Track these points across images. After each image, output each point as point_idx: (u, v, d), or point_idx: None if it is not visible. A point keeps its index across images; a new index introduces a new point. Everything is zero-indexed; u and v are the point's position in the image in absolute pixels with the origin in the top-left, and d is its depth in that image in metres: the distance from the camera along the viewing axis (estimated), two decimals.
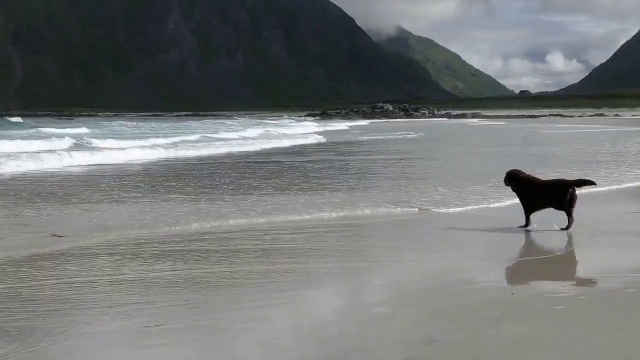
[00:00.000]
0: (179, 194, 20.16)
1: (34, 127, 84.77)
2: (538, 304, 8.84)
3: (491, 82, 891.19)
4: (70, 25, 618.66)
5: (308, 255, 12.16)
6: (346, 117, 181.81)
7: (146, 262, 11.48)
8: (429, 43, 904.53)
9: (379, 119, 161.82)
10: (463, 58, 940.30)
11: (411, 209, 16.85)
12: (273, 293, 9.57)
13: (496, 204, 17.65)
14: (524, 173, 14.64)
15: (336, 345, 7.40)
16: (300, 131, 77.12)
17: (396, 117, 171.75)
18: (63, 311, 8.65)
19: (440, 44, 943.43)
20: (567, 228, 13.87)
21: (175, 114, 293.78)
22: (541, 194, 14.16)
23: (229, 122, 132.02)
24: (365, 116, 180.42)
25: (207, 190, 21.04)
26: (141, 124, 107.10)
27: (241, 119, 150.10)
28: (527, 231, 14.09)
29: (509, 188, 14.86)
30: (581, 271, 11.43)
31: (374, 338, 7.60)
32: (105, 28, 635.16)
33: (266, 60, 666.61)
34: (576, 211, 14.15)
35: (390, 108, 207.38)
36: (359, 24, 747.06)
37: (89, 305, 8.93)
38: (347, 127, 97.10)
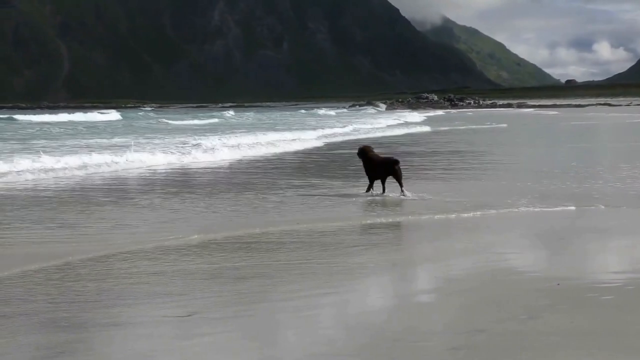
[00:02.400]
0: None
1: (146, 119, 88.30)
2: (584, 294, 8.76)
3: (536, 71, 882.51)
4: (117, 17, 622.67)
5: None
6: (391, 107, 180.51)
7: (198, 255, 11.66)
8: (473, 32, 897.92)
9: (425, 109, 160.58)
10: (508, 47, 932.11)
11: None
12: (317, 283, 9.63)
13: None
14: (372, 151, 18.29)
15: (381, 335, 7.38)
16: (396, 122, 77.10)
17: (441, 107, 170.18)
18: (108, 302, 8.75)
19: (485, 33, 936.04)
20: (402, 193, 17.48)
21: (220, 105, 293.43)
22: (378, 168, 17.81)
23: (320, 112, 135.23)
24: (411, 106, 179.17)
25: None
26: (245, 114, 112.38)
27: (334, 111, 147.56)
28: (372, 195, 17.74)
29: None
30: (631, 262, 11.19)
31: (419, 328, 7.59)
32: (152, 19, 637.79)
33: (311, 51, 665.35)
34: None
35: (435, 98, 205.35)
36: (403, 13, 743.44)
37: (133, 296, 9.04)
38: (425, 117, 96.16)
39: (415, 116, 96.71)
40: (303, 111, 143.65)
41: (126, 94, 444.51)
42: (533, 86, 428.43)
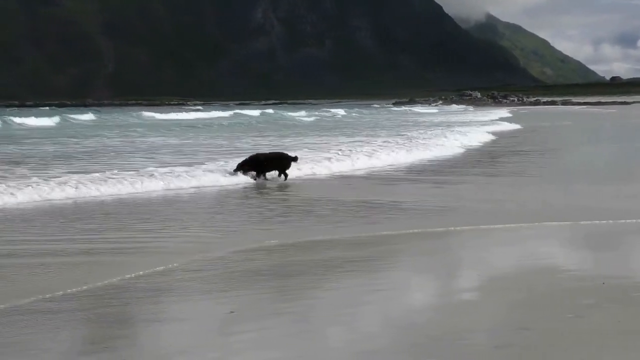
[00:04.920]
0: None
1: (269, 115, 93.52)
2: (630, 293, 8.63)
3: (581, 68, 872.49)
4: (160, 15, 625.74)
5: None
6: (434, 104, 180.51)
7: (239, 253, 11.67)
8: (517, 29, 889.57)
9: (468, 105, 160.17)
10: (552, 44, 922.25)
11: None
12: (359, 280, 9.62)
13: None
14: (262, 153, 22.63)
15: (425, 332, 7.34)
16: (493, 118, 77.12)
17: (485, 105, 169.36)
18: (152, 299, 8.80)
19: (529, 30, 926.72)
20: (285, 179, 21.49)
21: (263, 102, 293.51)
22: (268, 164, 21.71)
23: (416, 109, 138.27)
24: (456, 104, 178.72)
25: None
26: (357, 111, 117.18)
27: (431, 109, 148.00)
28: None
29: None
30: None
31: (463, 326, 7.51)
32: (195, 17, 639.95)
33: (353, 49, 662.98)
34: None
35: (479, 95, 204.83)
36: (446, 10, 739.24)
37: (177, 292, 9.07)
38: (509, 114, 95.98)
39: (499, 113, 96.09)
40: (405, 108, 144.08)
41: (169, 92, 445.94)
42: (577, 83, 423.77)
